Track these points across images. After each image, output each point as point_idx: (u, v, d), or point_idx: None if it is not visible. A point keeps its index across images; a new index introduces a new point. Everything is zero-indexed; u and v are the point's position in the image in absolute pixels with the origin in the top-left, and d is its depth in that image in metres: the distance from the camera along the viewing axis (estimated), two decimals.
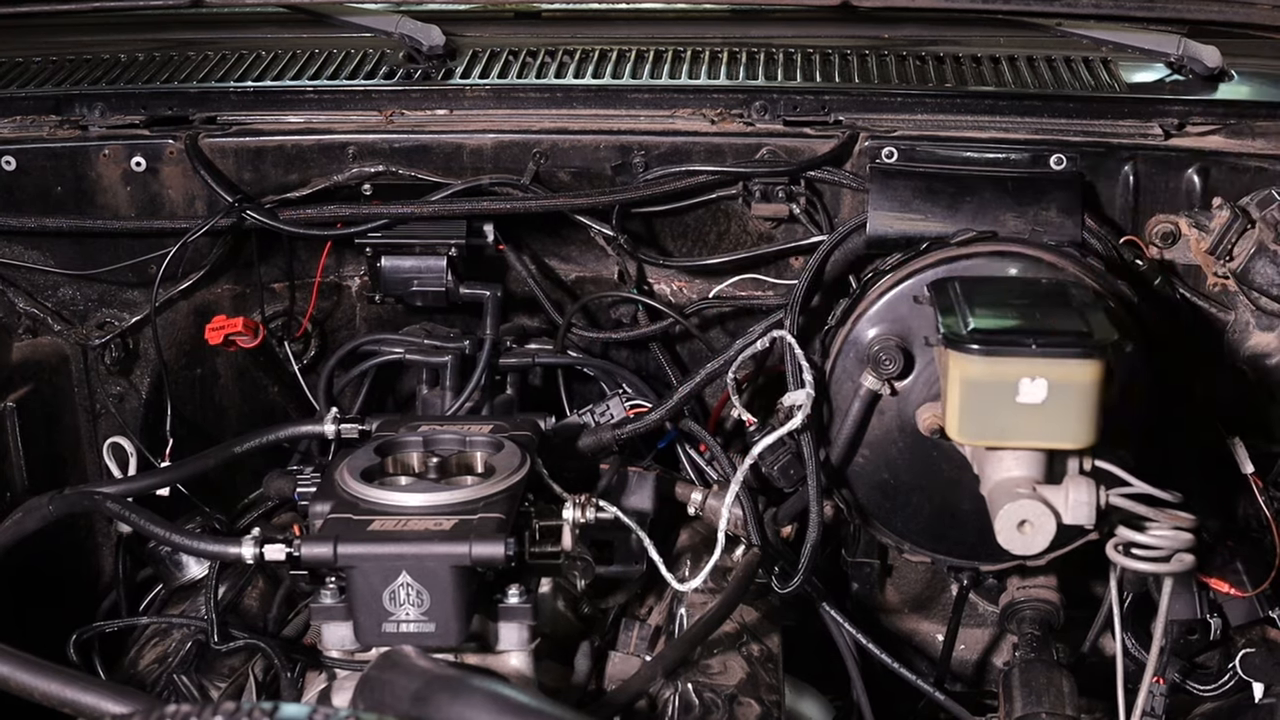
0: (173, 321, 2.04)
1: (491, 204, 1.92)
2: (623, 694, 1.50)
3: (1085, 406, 1.42)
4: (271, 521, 1.94)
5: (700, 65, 2.08)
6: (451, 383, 1.97)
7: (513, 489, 1.50)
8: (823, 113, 1.95)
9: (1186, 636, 1.82)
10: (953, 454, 1.66)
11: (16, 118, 2.03)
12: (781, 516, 1.83)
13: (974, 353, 1.43)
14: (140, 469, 1.97)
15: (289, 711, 0.93)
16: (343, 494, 1.50)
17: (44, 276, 2.01)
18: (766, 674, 1.66)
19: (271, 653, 1.59)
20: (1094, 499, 1.45)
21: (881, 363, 1.65)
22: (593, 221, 1.96)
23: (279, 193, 1.96)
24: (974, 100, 1.96)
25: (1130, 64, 2.10)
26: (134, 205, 1.98)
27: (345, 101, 2.02)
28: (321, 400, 2.02)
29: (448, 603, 1.39)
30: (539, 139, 1.95)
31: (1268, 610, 1.81)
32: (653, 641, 1.72)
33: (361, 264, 2.06)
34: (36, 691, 1.25)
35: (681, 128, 1.95)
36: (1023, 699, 1.74)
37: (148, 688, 1.66)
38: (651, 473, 1.85)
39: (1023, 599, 1.85)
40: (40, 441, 1.96)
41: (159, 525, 1.57)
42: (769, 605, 1.79)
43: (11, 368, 1.95)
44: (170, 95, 2.04)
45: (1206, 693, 1.84)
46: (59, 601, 1.93)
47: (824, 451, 1.74)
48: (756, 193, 1.91)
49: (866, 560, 1.92)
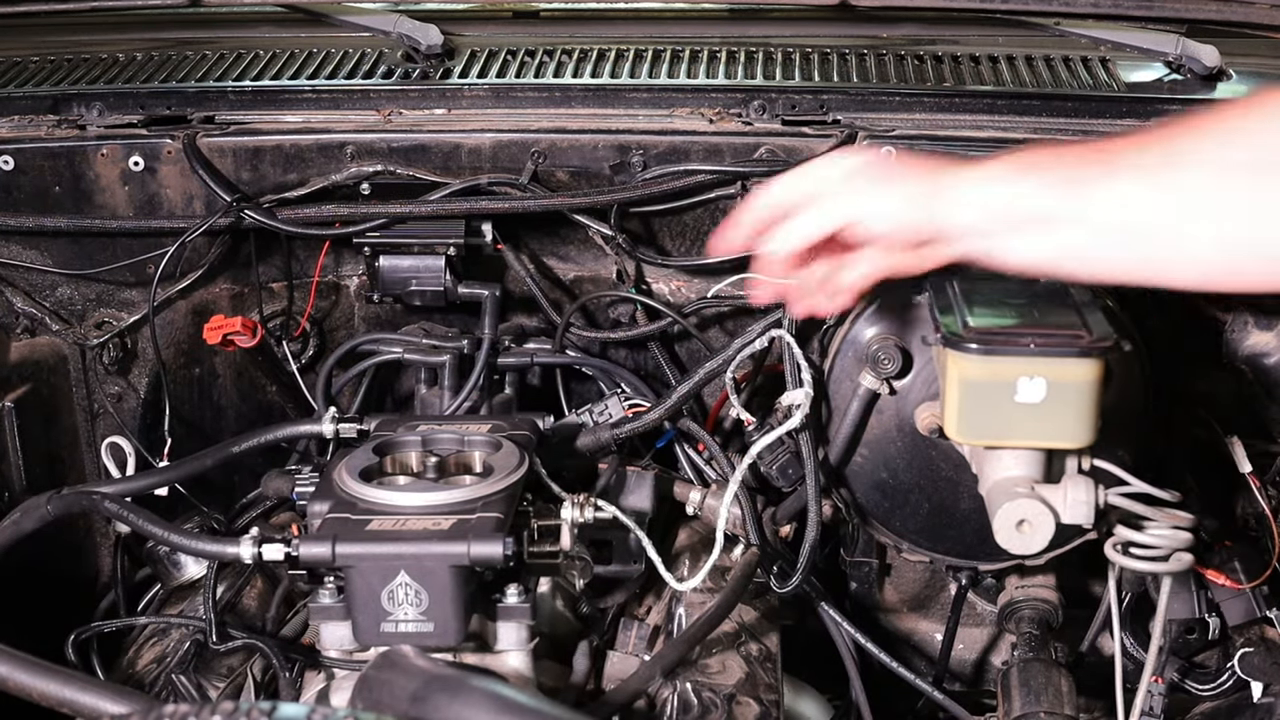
0: (171, 321, 2.03)
1: (490, 203, 1.92)
2: (621, 693, 1.50)
3: (1084, 406, 1.42)
4: (270, 521, 1.94)
5: (698, 65, 2.08)
6: (450, 382, 1.97)
7: (511, 488, 1.49)
8: (821, 112, 1.95)
9: (1185, 636, 1.82)
10: (951, 453, 1.66)
11: (14, 117, 2.02)
12: (780, 516, 1.83)
13: (972, 352, 1.43)
14: (138, 469, 1.97)
15: (287, 711, 0.93)
16: (341, 494, 1.49)
17: (42, 276, 2.00)
18: (765, 673, 1.66)
19: (270, 653, 1.59)
20: (1092, 498, 1.45)
21: (880, 362, 1.65)
22: (591, 221, 1.95)
23: (277, 192, 1.96)
24: (972, 99, 1.96)
25: (1129, 63, 2.10)
26: (132, 205, 1.97)
27: (343, 101, 2.02)
28: (320, 400, 2.02)
29: (446, 602, 1.39)
30: (537, 138, 1.95)
31: (1266, 609, 1.81)
32: (651, 641, 1.72)
33: (360, 263, 2.06)
34: (34, 691, 1.25)
35: (680, 127, 1.95)
36: (1021, 698, 1.74)
37: (146, 688, 1.66)
38: (650, 472, 1.85)
39: (1021, 598, 1.85)
40: (38, 441, 1.96)
41: (157, 525, 1.57)
42: (768, 605, 1.79)
43: (9, 367, 1.95)
44: (168, 95, 2.03)
45: (1205, 692, 1.84)
46: (57, 601, 1.93)
47: (822, 451, 1.74)
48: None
49: (865, 560, 1.92)
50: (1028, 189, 1.34)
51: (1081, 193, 1.31)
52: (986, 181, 1.36)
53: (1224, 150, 1.29)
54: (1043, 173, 1.34)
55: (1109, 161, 1.32)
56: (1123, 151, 1.33)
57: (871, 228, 1.41)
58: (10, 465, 1.91)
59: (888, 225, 1.40)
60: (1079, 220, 1.32)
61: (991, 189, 1.35)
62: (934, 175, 1.39)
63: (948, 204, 1.37)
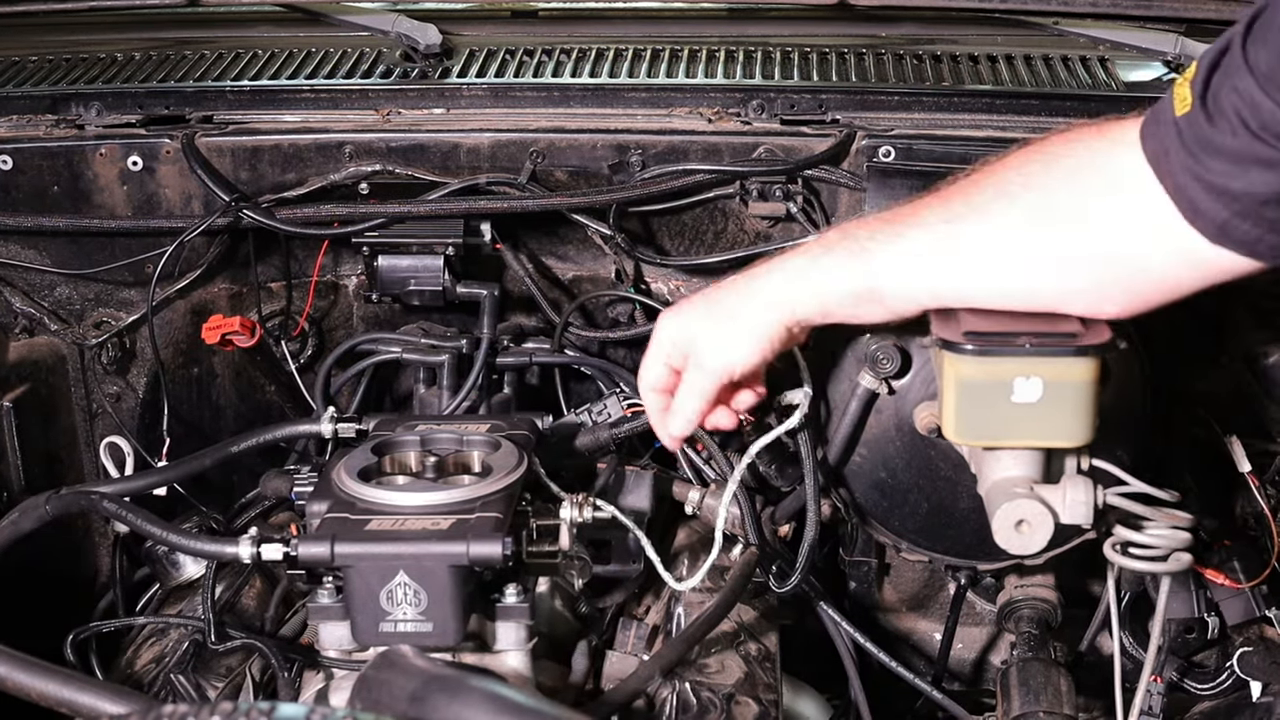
0: (169, 321, 2.03)
1: (488, 203, 1.92)
2: (620, 693, 1.50)
3: (1081, 405, 1.42)
4: (269, 521, 1.94)
5: (697, 64, 2.08)
6: (448, 382, 1.97)
7: (510, 488, 1.49)
8: (820, 111, 1.95)
9: (1184, 635, 1.82)
10: (950, 453, 1.66)
11: (13, 117, 2.02)
12: (779, 515, 1.83)
13: (968, 353, 1.43)
14: (137, 468, 1.97)
15: (287, 711, 0.93)
16: (340, 493, 1.49)
17: (40, 276, 2.00)
18: (764, 673, 1.66)
19: (269, 652, 1.59)
20: (1091, 498, 1.45)
21: (879, 362, 1.65)
22: (590, 220, 1.95)
23: (276, 192, 1.96)
24: (971, 99, 1.96)
25: (1127, 62, 2.10)
26: (130, 204, 1.97)
27: (342, 100, 2.02)
28: (318, 399, 2.02)
29: (445, 602, 1.39)
30: (536, 138, 1.95)
31: (1265, 609, 1.81)
32: (650, 641, 1.72)
33: (358, 263, 2.06)
34: (33, 691, 1.24)
35: (678, 127, 1.95)
36: (1020, 698, 1.74)
37: (144, 688, 1.66)
38: (649, 472, 1.85)
39: (1020, 598, 1.85)
40: (37, 441, 1.96)
41: (156, 525, 1.56)
42: (767, 604, 1.79)
43: (8, 367, 1.95)
44: (167, 94, 2.03)
45: (1204, 691, 1.84)
46: (56, 601, 1.93)
47: (821, 450, 1.74)
48: (754, 191, 1.91)
49: (864, 559, 1.92)
50: (821, 275, 1.45)
51: (870, 261, 1.43)
52: (790, 281, 1.47)
53: (1000, 204, 1.40)
54: (834, 251, 1.45)
55: (898, 223, 1.44)
56: (913, 213, 1.44)
57: (739, 371, 1.51)
58: (9, 465, 1.91)
59: (740, 364, 1.51)
60: (879, 287, 1.43)
61: (793, 286, 1.47)
62: (737, 293, 1.51)
63: (755, 313, 1.48)
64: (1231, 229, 1.29)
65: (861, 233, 1.46)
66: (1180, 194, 1.31)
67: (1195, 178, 1.29)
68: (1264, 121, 1.23)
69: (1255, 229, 1.29)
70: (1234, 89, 1.24)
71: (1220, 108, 1.26)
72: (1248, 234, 1.29)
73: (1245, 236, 1.30)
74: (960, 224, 1.41)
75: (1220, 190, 1.28)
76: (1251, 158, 1.25)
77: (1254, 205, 1.27)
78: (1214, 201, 1.29)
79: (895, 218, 1.46)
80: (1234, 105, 1.24)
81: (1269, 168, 1.25)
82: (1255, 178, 1.25)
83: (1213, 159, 1.27)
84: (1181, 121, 1.29)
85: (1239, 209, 1.28)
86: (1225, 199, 1.28)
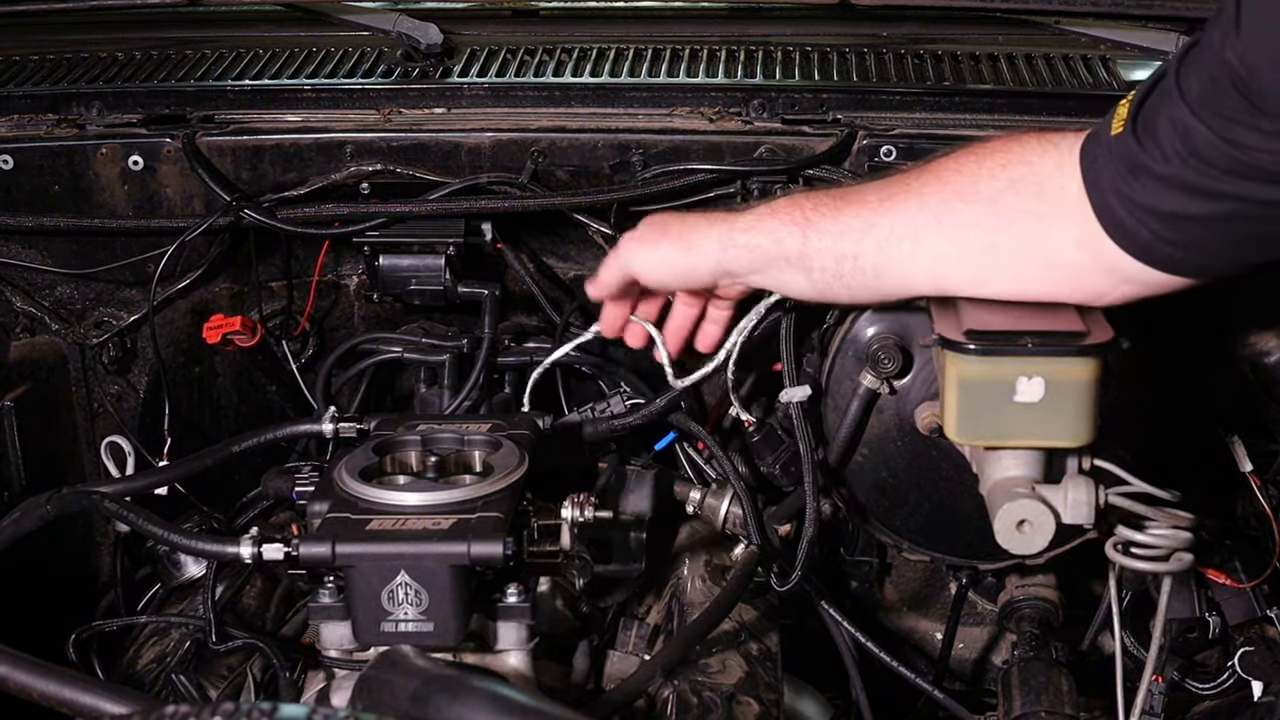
0: (170, 320, 2.03)
1: (489, 203, 1.92)
2: (621, 693, 1.50)
3: (1083, 405, 1.42)
4: (269, 521, 1.94)
5: (698, 63, 2.08)
6: (449, 381, 1.97)
7: (511, 488, 1.49)
8: (821, 111, 1.95)
9: (1185, 635, 1.82)
10: (951, 453, 1.66)
11: (13, 116, 2.02)
12: (779, 515, 1.83)
13: (970, 353, 1.43)
14: (138, 468, 1.97)
15: (288, 711, 0.93)
16: (341, 493, 1.49)
17: (41, 275, 2.00)
18: (765, 672, 1.66)
19: (270, 652, 1.59)
20: (1093, 498, 1.45)
21: (880, 361, 1.65)
22: (591, 220, 1.95)
23: (276, 191, 1.96)
24: (972, 98, 1.96)
25: (1128, 62, 2.10)
26: (131, 204, 1.97)
27: (343, 100, 2.02)
28: (319, 399, 2.02)
29: (446, 602, 1.39)
30: (537, 137, 1.95)
31: (1266, 608, 1.81)
32: (651, 640, 1.72)
33: (359, 263, 2.06)
34: (35, 691, 1.24)
35: (680, 126, 1.95)
36: (1021, 697, 1.74)
37: (146, 687, 1.66)
38: (650, 471, 1.85)
39: (1022, 597, 1.85)
40: (38, 441, 1.96)
41: (157, 524, 1.56)
42: (767, 604, 1.78)
43: (9, 367, 1.95)
44: (167, 94, 2.03)
45: (1205, 691, 1.84)
46: (57, 601, 1.93)
47: (822, 450, 1.74)
48: (755, 191, 1.91)
49: (865, 559, 1.92)
50: (764, 234, 1.53)
51: (809, 231, 1.50)
52: (734, 232, 1.55)
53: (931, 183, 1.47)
54: (780, 218, 1.52)
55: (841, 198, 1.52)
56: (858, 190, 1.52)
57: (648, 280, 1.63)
58: (10, 464, 1.91)
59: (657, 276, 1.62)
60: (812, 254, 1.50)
61: (737, 238, 1.54)
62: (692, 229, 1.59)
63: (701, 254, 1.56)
64: (1155, 249, 1.34)
65: (807, 203, 1.53)
66: (1105, 211, 1.36)
67: (1122, 197, 1.34)
68: (1195, 148, 1.27)
69: (1178, 251, 1.33)
70: (1169, 117, 1.29)
71: (1151, 132, 1.31)
72: (1171, 254, 1.34)
73: (1168, 256, 1.34)
74: (891, 201, 1.48)
75: (1146, 210, 1.32)
76: (1178, 182, 1.29)
77: (1177, 226, 1.31)
78: (1138, 222, 1.34)
79: (841, 194, 1.53)
80: (1167, 131, 1.29)
81: (1193, 193, 1.29)
82: (1181, 201, 1.30)
83: (1139, 180, 1.32)
84: (1114, 141, 1.34)
85: (1163, 230, 1.32)
86: (1150, 219, 1.33)
